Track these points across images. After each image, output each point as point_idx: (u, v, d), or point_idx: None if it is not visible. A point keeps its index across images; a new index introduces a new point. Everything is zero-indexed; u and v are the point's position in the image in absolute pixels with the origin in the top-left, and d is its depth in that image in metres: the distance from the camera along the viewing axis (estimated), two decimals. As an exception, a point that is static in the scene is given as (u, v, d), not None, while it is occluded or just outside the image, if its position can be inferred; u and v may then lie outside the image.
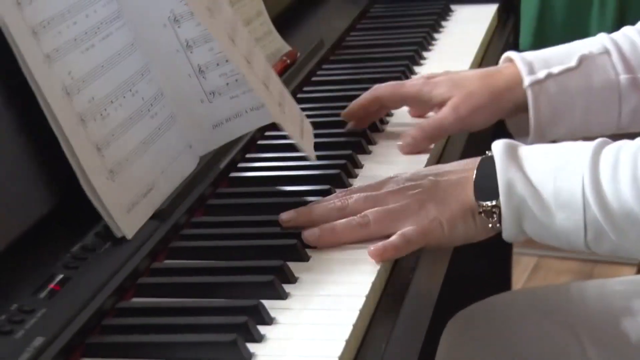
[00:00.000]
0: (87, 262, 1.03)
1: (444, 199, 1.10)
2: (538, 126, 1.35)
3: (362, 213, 1.10)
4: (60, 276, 1.00)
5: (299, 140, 1.20)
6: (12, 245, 0.99)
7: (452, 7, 1.99)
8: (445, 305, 1.39)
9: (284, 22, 1.71)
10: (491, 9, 1.96)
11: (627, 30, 1.39)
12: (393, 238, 1.07)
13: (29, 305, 0.94)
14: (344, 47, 1.79)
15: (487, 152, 1.11)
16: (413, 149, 1.34)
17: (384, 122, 1.45)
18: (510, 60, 1.38)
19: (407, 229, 1.08)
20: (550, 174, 1.05)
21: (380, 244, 1.06)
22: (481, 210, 1.08)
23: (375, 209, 1.10)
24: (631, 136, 1.09)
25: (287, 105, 1.23)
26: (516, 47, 1.83)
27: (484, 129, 1.40)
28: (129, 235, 1.08)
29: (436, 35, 1.84)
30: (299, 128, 1.22)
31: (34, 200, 1.04)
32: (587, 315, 1.39)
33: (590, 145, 1.05)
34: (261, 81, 1.17)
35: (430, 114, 1.43)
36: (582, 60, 1.35)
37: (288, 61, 1.60)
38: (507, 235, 1.08)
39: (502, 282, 2.10)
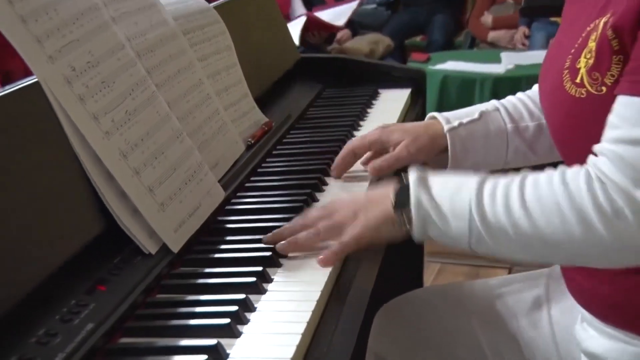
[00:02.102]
0: (125, 269, 1.03)
1: (371, 211, 1.09)
2: (454, 160, 1.35)
3: (315, 227, 1.10)
4: (106, 279, 1.00)
5: (167, 235, 1.09)
6: (72, 257, 0.99)
7: (380, 90, 1.99)
8: (376, 299, 1.39)
9: (263, 101, 1.71)
10: (406, 92, 1.96)
11: (509, 97, 1.41)
12: (333, 247, 1.07)
13: (83, 301, 0.94)
14: (305, 118, 1.79)
15: (402, 175, 1.10)
16: (379, 173, 1.35)
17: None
18: (434, 117, 1.39)
19: (344, 237, 1.08)
20: (448, 195, 1.04)
21: (324, 253, 1.06)
22: (398, 218, 1.07)
23: (324, 223, 1.10)
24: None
25: (177, 199, 1.14)
26: (423, 118, 1.84)
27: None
28: (175, 248, 1.09)
29: (369, 110, 1.84)
30: (176, 221, 1.12)
31: (89, 224, 1.04)
32: (476, 305, 1.39)
33: (476, 177, 1.05)
34: (145, 188, 1.08)
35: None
36: (482, 114, 1.37)
37: (266, 128, 1.60)
38: (416, 237, 1.07)
39: (416, 281, 2.10)
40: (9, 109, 0.99)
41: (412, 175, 1.07)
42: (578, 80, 1.03)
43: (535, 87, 1.41)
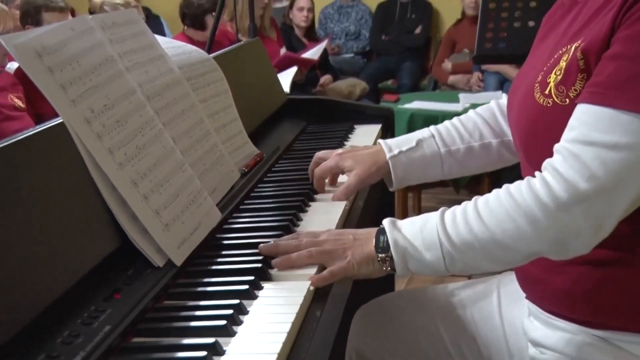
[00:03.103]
0: (137, 280, 1.03)
1: (357, 250, 1.10)
2: (396, 180, 1.38)
3: (308, 249, 1.10)
4: (121, 288, 1.00)
5: (171, 251, 1.09)
6: (93, 269, 0.99)
7: (355, 126, 2.00)
8: (354, 302, 1.40)
9: (256, 136, 1.72)
10: (377, 127, 1.98)
11: (445, 122, 1.43)
12: (324, 273, 1.07)
13: (101, 307, 0.94)
14: (291, 150, 1.80)
15: (380, 225, 1.11)
16: (339, 199, 1.37)
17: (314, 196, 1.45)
18: (380, 144, 1.42)
19: (333, 266, 1.08)
20: (418, 231, 1.06)
21: (316, 277, 1.06)
22: (379, 259, 1.08)
23: (317, 248, 1.10)
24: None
25: (180, 221, 1.14)
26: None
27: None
28: (178, 262, 1.09)
29: (345, 142, 1.85)
30: (179, 239, 1.12)
31: (107, 242, 1.04)
32: (438, 307, 1.39)
33: (437, 212, 1.08)
34: (152, 211, 1.08)
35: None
36: (419, 142, 1.38)
37: (258, 159, 1.60)
38: (399, 273, 1.08)
39: (389, 286, 2.08)
40: (40, 145, 0.99)
41: (385, 222, 1.10)
42: (547, 92, 1.06)
43: (469, 112, 1.44)
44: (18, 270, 0.87)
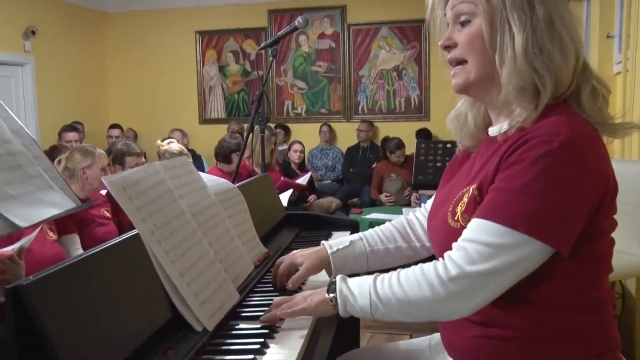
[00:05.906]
0: (184, 340, 1.03)
1: (314, 297, 1.12)
2: (335, 270, 1.34)
3: (285, 304, 1.14)
4: (173, 346, 0.99)
5: (205, 321, 1.08)
6: (153, 333, 0.99)
7: (332, 232, 2.01)
8: (331, 355, 1.37)
9: (264, 239, 1.71)
10: (347, 232, 1.99)
11: (371, 229, 1.40)
12: (289, 310, 1.12)
13: (159, 360, 0.94)
14: (289, 249, 1.77)
15: (333, 279, 1.13)
16: (293, 286, 1.33)
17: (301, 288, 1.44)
18: (323, 244, 1.39)
19: (296, 308, 1.12)
20: (357, 285, 1.08)
21: (283, 311, 1.12)
22: (329, 299, 1.10)
23: (289, 303, 1.14)
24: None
25: (211, 300, 1.13)
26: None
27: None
28: (210, 328, 1.08)
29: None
30: (211, 312, 1.11)
31: (163, 314, 1.04)
32: (389, 357, 1.36)
33: (372, 275, 1.09)
34: (193, 293, 1.08)
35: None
36: (351, 242, 1.36)
37: (266, 255, 1.60)
38: (340, 312, 1.09)
39: (356, 344, 2.06)
40: (125, 247, 1.03)
41: (338, 278, 1.12)
42: (456, 218, 1.09)
43: (387, 223, 1.43)
44: (107, 331, 0.88)
